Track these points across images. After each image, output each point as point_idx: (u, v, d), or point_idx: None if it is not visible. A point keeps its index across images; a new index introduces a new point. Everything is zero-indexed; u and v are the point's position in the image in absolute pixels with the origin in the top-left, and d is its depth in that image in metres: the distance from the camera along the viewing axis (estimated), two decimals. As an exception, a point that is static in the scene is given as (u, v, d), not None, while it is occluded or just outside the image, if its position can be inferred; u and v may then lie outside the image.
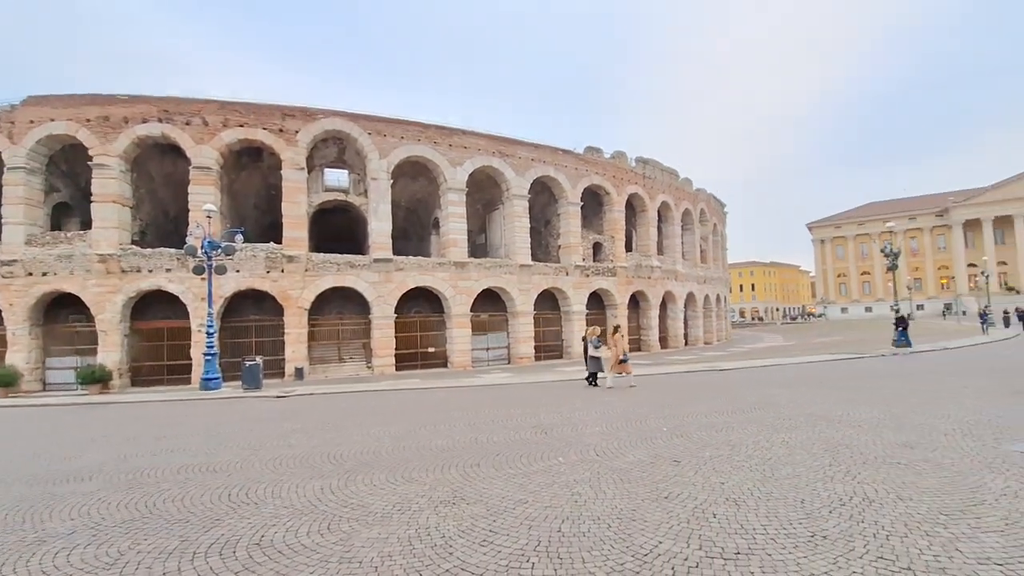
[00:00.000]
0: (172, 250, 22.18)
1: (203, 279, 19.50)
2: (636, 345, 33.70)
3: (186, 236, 20.08)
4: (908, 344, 23.09)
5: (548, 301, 30.08)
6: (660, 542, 4.16)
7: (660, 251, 36.53)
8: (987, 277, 45.87)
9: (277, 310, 23.24)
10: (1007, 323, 38.56)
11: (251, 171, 27.12)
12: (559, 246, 31.10)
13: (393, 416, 11.34)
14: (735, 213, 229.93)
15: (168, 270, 21.99)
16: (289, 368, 22.66)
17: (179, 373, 22.24)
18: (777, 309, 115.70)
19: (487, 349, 28.22)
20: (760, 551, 3.96)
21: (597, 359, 14.83)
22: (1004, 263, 75.37)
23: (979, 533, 4.16)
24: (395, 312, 24.91)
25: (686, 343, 37.50)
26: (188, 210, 21.96)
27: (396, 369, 24.79)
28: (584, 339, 15.88)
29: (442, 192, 26.88)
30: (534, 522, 4.68)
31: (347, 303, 25.65)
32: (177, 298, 21.96)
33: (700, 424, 8.85)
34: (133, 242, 23.04)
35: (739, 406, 10.56)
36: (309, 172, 25.14)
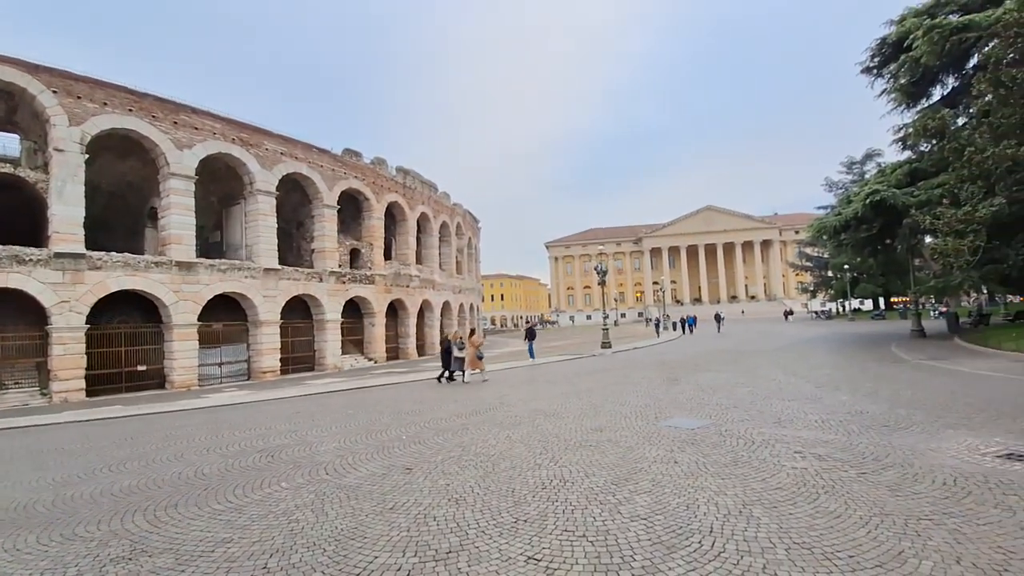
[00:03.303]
0: None
1: None
2: (394, 353, 33.67)
3: None
4: (532, 356, 23.60)
5: (299, 309, 27.81)
6: (376, 556, 4.08)
7: (419, 261, 37.39)
8: (663, 292, 59.78)
9: None
10: (675, 327, 50.81)
11: None
12: (313, 250, 29.09)
13: (62, 457, 8.82)
14: (487, 229, 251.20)
15: None
16: None
17: None
18: (522, 317, 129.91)
19: (220, 364, 24.53)
20: (470, 545, 4.21)
21: (461, 359, 16.74)
22: (675, 282, 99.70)
23: (635, 496, 5.21)
24: (89, 322, 19.69)
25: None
26: None
27: (88, 395, 19.57)
28: (444, 341, 18.18)
29: (163, 177, 22.45)
30: (235, 563, 4.10)
31: (9, 310, 19.28)
32: None
33: (439, 428, 9.19)
34: None
35: (478, 408, 11.35)
36: (-55, 130, 18.19)
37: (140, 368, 22.12)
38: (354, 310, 31.04)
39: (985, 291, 42.72)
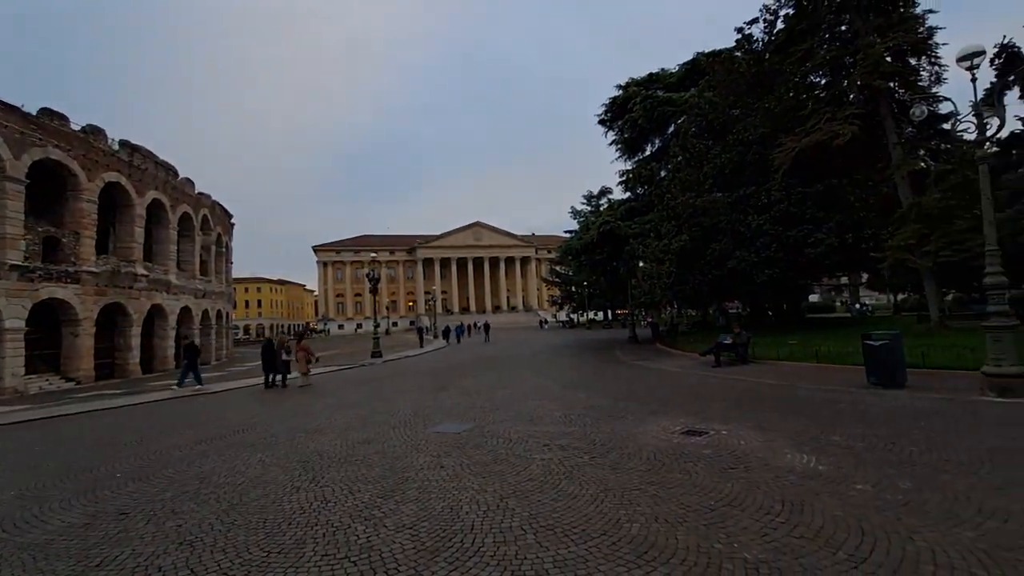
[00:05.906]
0: None
1: None
2: (108, 371, 27.06)
3: None
4: (199, 382, 17.83)
5: (-53, 315, 20.18)
6: (68, 634, 3.18)
7: (149, 257, 30.92)
8: (435, 302, 61.66)
9: None
10: (444, 336, 52.62)
11: None
12: (-20, 236, 21.53)
13: None
14: (245, 227, 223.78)
15: None
16: None
17: None
18: (283, 325, 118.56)
19: None
20: (208, 593, 3.61)
21: (287, 362, 17.10)
22: (446, 292, 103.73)
23: (401, 506, 5.18)
24: None
25: (178, 364, 32.92)
26: None
27: None
28: (270, 346, 17.61)
29: None
30: None
31: None
32: None
33: (170, 459, 7.69)
34: None
35: (224, 430, 9.88)
36: None
37: None
38: (49, 317, 23.98)
39: (676, 306, 55.36)
